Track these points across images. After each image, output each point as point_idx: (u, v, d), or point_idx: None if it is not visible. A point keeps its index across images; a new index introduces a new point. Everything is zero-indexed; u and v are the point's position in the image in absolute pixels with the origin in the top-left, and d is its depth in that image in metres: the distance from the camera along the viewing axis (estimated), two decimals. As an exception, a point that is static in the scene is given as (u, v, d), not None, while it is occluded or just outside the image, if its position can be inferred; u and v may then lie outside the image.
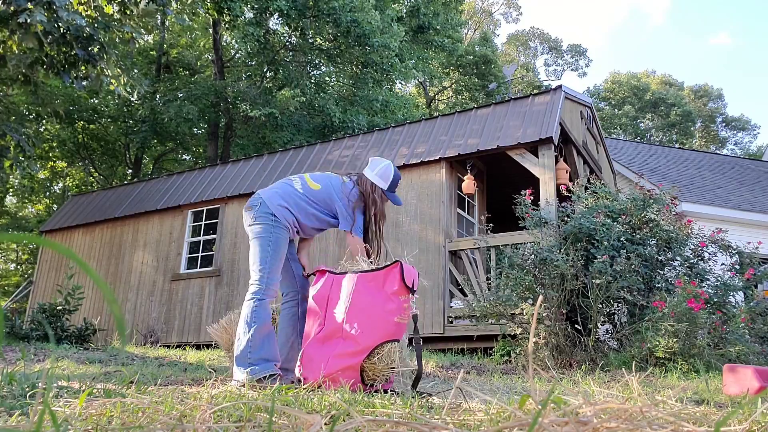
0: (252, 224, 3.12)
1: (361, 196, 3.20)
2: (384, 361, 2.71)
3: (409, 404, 1.76)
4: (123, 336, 0.56)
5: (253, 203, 3.17)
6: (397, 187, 3.32)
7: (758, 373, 3.00)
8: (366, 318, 2.74)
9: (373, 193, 3.21)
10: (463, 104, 26.75)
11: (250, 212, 3.15)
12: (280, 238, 3.09)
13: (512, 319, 5.55)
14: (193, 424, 1.19)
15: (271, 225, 3.08)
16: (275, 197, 3.15)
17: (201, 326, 8.78)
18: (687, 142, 33.10)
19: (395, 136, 8.44)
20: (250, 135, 18.43)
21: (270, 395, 1.97)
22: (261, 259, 3.04)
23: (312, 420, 0.98)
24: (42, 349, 5.35)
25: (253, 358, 2.84)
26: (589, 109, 9.00)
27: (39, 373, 2.31)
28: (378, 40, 15.37)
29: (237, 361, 2.88)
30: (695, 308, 4.58)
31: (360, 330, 2.73)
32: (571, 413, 0.95)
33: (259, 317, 2.92)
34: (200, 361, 4.88)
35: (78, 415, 1.35)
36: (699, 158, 15.55)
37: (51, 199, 23.47)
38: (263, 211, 3.09)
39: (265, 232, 3.07)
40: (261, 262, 3.03)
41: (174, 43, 21.03)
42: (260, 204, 3.12)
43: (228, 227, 9.16)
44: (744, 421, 1.28)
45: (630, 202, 5.85)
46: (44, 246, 2.23)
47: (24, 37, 7.10)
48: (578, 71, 35.13)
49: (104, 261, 10.37)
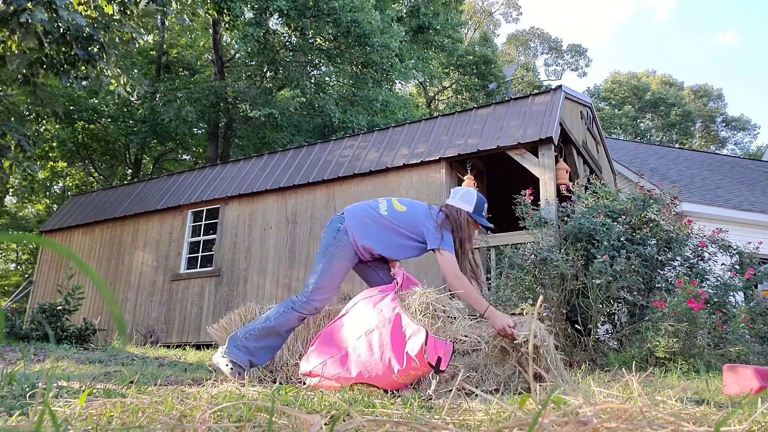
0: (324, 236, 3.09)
1: (447, 219, 3.09)
2: None
3: (409, 404, 1.76)
4: (124, 336, 0.56)
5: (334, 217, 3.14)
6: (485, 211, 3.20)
7: (758, 373, 3.00)
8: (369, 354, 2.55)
9: (459, 217, 3.10)
10: (463, 104, 26.75)
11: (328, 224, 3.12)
12: (336, 254, 2.99)
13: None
14: (193, 424, 1.19)
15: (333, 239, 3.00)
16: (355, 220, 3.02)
17: (201, 326, 8.78)
18: (687, 142, 33.10)
19: (395, 136, 8.44)
20: (250, 135, 18.43)
21: (270, 395, 1.97)
22: (315, 267, 3.02)
23: (312, 420, 0.98)
24: (42, 349, 5.35)
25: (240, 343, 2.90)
26: (589, 109, 9.00)
27: (39, 373, 2.31)
28: (378, 40, 15.37)
29: (230, 337, 2.94)
30: (695, 308, 4.58)
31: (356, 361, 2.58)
32: (571, 413, 0.95)
33: (279, 320, 2.92)
34: (200, 361, 4.88)
35: (78, 415, 1.35)
36: (699, 158, 15.55)
37: (51, 199, 23.47)
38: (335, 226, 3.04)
39: (326, 244, 3.02)
40: (314, 270, 3.02)
41: (174, 43, 21.03)
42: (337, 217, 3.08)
43: (228, 227, 9.16)
44: (744, 421, 1.28)
45: (630, 202, 5.85)
46: (44, 246, 2.23)
47: (24, 36, 7.10)
48: (578, 71, 35.16)
49: (104, 261, 10.37)
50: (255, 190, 8.92)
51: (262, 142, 17.89)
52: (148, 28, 8.76)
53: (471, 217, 3.12)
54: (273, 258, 8.50)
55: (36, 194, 22.53)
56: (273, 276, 8.41)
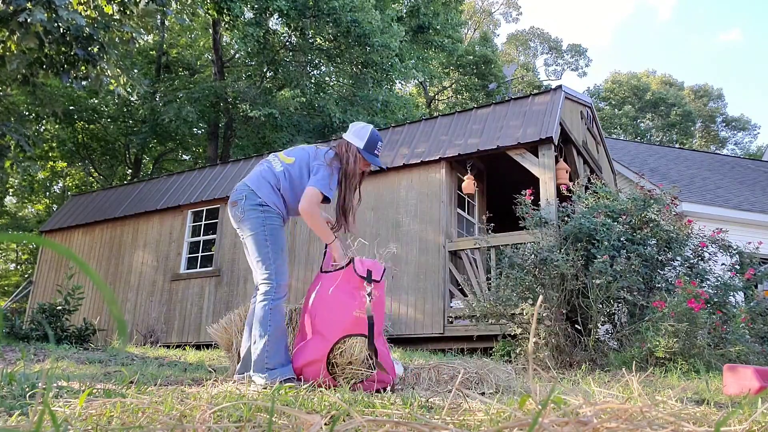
0: (242, 220, 2.93)
1: (336, 156, 3.01)
2: (345, 356, 2.73)
3: (409, 404, 1.76)
4: (124, 336, 0.56)
5: (237, 196, 2.96)
6: (378, 150, 3.12)
7: (758, 373, 3.00)
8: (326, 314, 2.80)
9: (347, 151, 3.02)
10: (463, 104, 26.75)
11: (237, 208, 2.95)
12: (275, 227, 2.92)
13: (512, 319, 5.55)
14: (193, 424, 1.19)
15: (262, 216, 2.90)
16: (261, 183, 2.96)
17: (201, 326, 8.78)
18: (687, 142, 33.10)
19: (395, 136, 8.44)
20: (250, 135, 18.43)
21: (270, 395, 1.97)
22: (263, 256, 2.87)
23: (312, 420, 0.98)
24: (42, 349, 5.35)
25: (271, 363, 2.77)
26: (589, 109, 9.00)
27: (39, 373, 2.31)
28: (378, 40, 15.37)
29: (255, 366, 2.80)
30: (695, 308, 4.58)
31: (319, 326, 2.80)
32: (571, 413, 0.95)
33: (275, 321, 2.84)
34: (200, 361, 4.88)
35: (78, 415, 1.35)
36: (699, 158, 15.55)
37: (51, 199, 23.48)
38: (251, 204, 2.91)
39: (258, 225, 2.89)
40: (264, 259, 2.87)
41: (174, 43, 21.04)
42: (245, 196, 2.93)
43: (228, 227, 9.16)
44: (744, 421, 1.28)
45: (630, 202, 5.85)
46: (44, 246, 2.23)
47: (24, 36, 7.10)
48: (578, 71, 35.14)
49: (104, 261, 10.37)
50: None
51: (262, 142, 17.89)
52: (148, 27, 8.77)
53: (360, 153, 3.05)
54: (273, 258, 8.50)
55: (36, 194, 22.53)
56: (273, 276, 8.40)
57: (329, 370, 2.74)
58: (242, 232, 2.98)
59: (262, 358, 2.78)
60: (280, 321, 2.86)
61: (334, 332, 2.76)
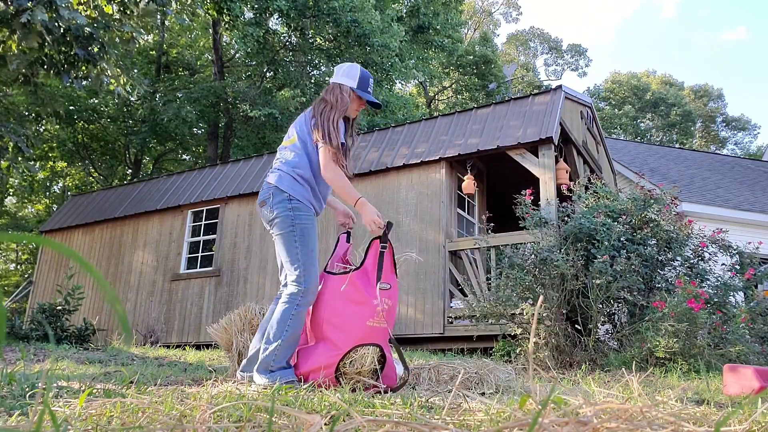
0: (271, 220, 2.80)
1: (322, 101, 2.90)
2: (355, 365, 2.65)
3: (409, 404, 1.76)
4: (128, 335, 0.56)
5: (264, 196, 2.84)
6: (370, 87, 3.00)
7: (758, 373, 3.00)
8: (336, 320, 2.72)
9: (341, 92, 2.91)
10: (463, 104, 26.75)
11: (265, 207, 2.82)
12: (306, 227, 2.78)
13: (512, 319, 5.55)
14: (193, 424, 1.19)
15: (291, 215, 2.76)
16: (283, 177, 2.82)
17: (201, 326, 8.78)
18: (687, 142, 33.10)
19: (395, 136, 8.44)
20: (250, 135, 18.43)
21: (270, 395, 1.97)
22: (292, 257, 2.74)
23: (312, 420, 0.98)
24: (42, 349, 5.35)
25: (275, 366, 2.72)
26: (589, 109, 9.00)
27: (39, 373, 2.31)
28: (378, 40, 15.37)
29: (259, 366, 2.74)
30: (695, 308, 4.58)
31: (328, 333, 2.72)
32: (571, 413, 0.95)
33: (293, 327, 2.73)
34: (200, 361, 4.88)
35: (78, 415, 1.35)
36: (699, 158, 15.55)
37: (51, 199, 23.48)
38: (277, 201, 2.78)
39: (287, 225, 2.76)
40: (293, 260, 2.74)
41: (174, 43, 21.04)
42: (272, 194, 2.80)
43: (228, 227, 9.16)
44: (744, 421, 1.28)
45: (630, 202, 5.85)
46: (44, 246, 2.24)
47: (25, 37, 7.10)
48: (578, 71, 35.15)
49: (104, 261, 10.37)
50: (255, 190, 8.92)
51: (262, 142, 17.89)
52: (148, 27, 8.77)
53: (354, 93, 2.96)
54: (273, 258, 8.49)
55: (36, 194, 22.53)
56: (273, 276, 8.40)
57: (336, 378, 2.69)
58: (272, 231, 2.87)
59: (268, 361, 2.73)
60: (297, 328, 2.77)
61: (346, 341, 2.67)
